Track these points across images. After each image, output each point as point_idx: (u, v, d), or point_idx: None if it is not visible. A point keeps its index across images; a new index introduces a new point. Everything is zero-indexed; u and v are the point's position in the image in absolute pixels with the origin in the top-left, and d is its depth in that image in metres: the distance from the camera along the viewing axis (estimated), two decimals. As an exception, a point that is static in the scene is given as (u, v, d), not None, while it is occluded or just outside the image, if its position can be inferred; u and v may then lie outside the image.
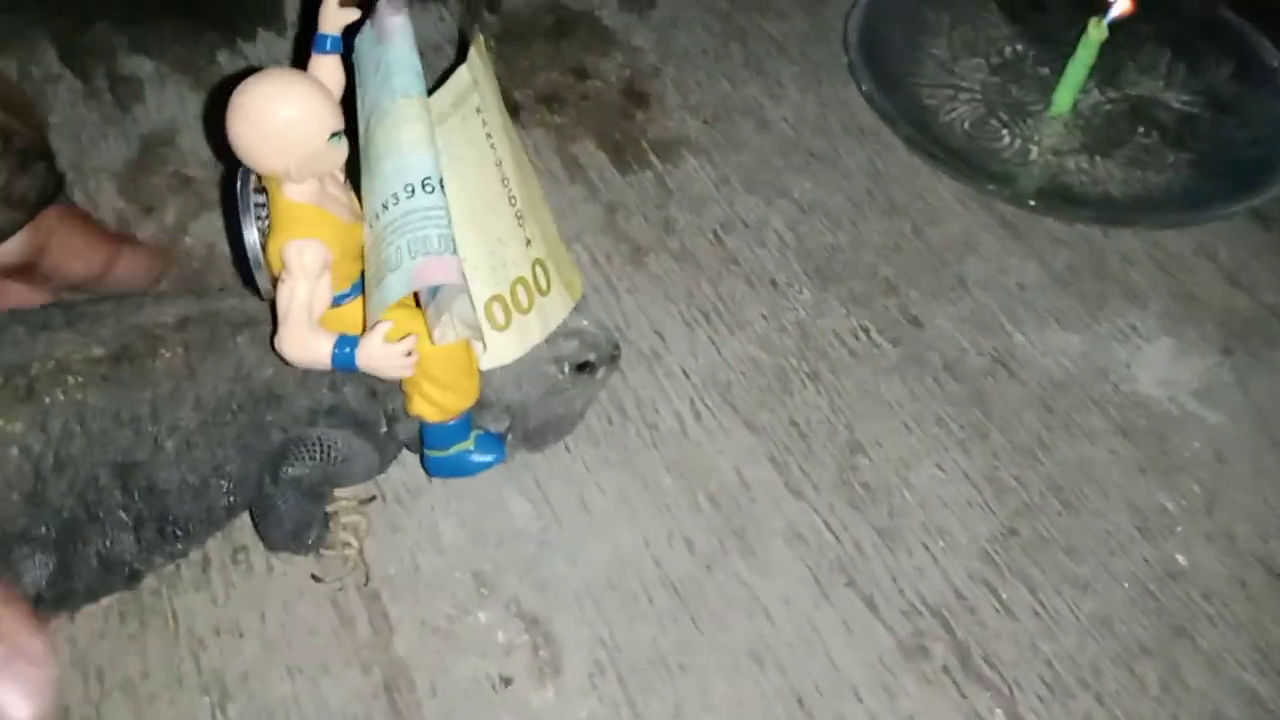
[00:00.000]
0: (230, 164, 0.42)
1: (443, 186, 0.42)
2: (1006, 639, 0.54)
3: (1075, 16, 0.79)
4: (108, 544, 0.47)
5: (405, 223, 0.41)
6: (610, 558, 0.54)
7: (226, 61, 0.76)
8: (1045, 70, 0.83)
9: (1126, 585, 0.56)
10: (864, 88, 0.78)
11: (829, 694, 0.51)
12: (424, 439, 0.50)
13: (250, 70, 0.41)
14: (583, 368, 0.52)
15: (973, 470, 0.60)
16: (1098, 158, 0.78)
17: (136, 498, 0.46)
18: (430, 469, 0.52)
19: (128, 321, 0.48)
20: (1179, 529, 0.59)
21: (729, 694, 0.50)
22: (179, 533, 0.48)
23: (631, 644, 0.51)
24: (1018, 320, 0.67)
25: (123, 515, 0.46)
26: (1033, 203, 0.73)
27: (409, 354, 0.43)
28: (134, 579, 0.49)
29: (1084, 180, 0.76)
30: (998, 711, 0.51)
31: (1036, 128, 0.79)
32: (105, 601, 0.49)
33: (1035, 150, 0.77)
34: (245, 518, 0.52)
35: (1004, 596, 0.55)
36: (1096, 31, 0.75)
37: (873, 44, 0.81)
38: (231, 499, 0.49)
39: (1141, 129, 0.80)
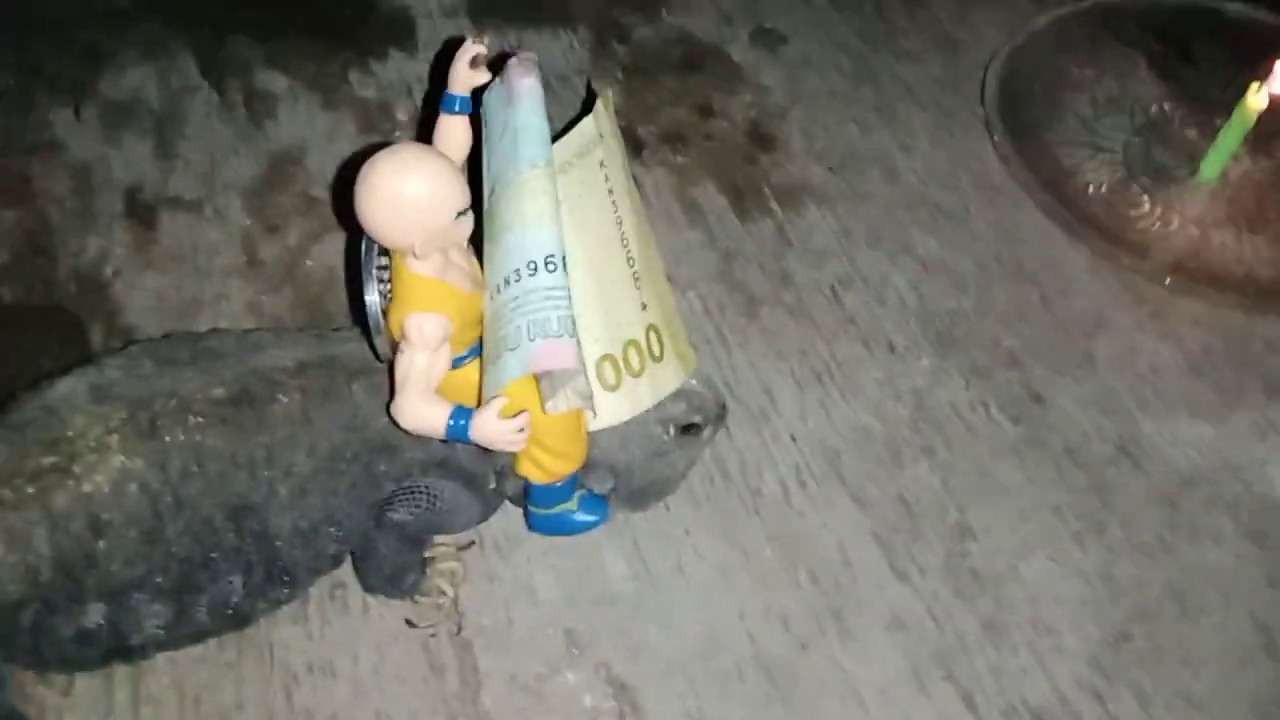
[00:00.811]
0: (356, 229, 0.42)
1: (565, 264, 0.41)
2: (1112, 754, 0.51)
3: (1232, 76, 0.75)
4: (219, 589, 0.47)
5: (526, 301, 0.41)
6: (704, 629, 0.53)
7: (358, 81, 0.77)
8: (1193, 133, 0.79)
9: (1247, 707, 0.53)
10: (998, 142, 0.76)
11: (920, 795, 0.49)
12: (529, 496, 0.50)
13: (383, 144, 0.41)
14: (688, 429, 0.51)
15: (1088, 566, 0.57)
16: (1245, 233, 0.74)
17: (249, 541, 0.47)
18: (533, 525, 0.51)
19: (249, 363, 0.49)
20: (1307, 649, 0.55)
21: (816, 785, 0.49)
22: (286, 578, 0.48)
23: (720, 718, 0.51)
24: (1147, 406, 0.64)
25: (235, 558, 0.47)
26: (1169, 280, 0.70)
27: (520, 430, 0.43)
28: (241, 623, 0.49)
29: (1228, 257, 0.72)
30: (1098, 832, 0.49)
31: (1180, 196, 0.75)
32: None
33: (1177, 221, 0.74)
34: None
35: (1111, 708, 0.53)
36: (1255, 99, 0.71)
37: (1011, 96, 0.78)
38: (339, 546, 0.49)
39: (1294, 204, 0.76)
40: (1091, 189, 0.75)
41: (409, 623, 0.52)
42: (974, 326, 0.67)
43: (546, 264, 0.41)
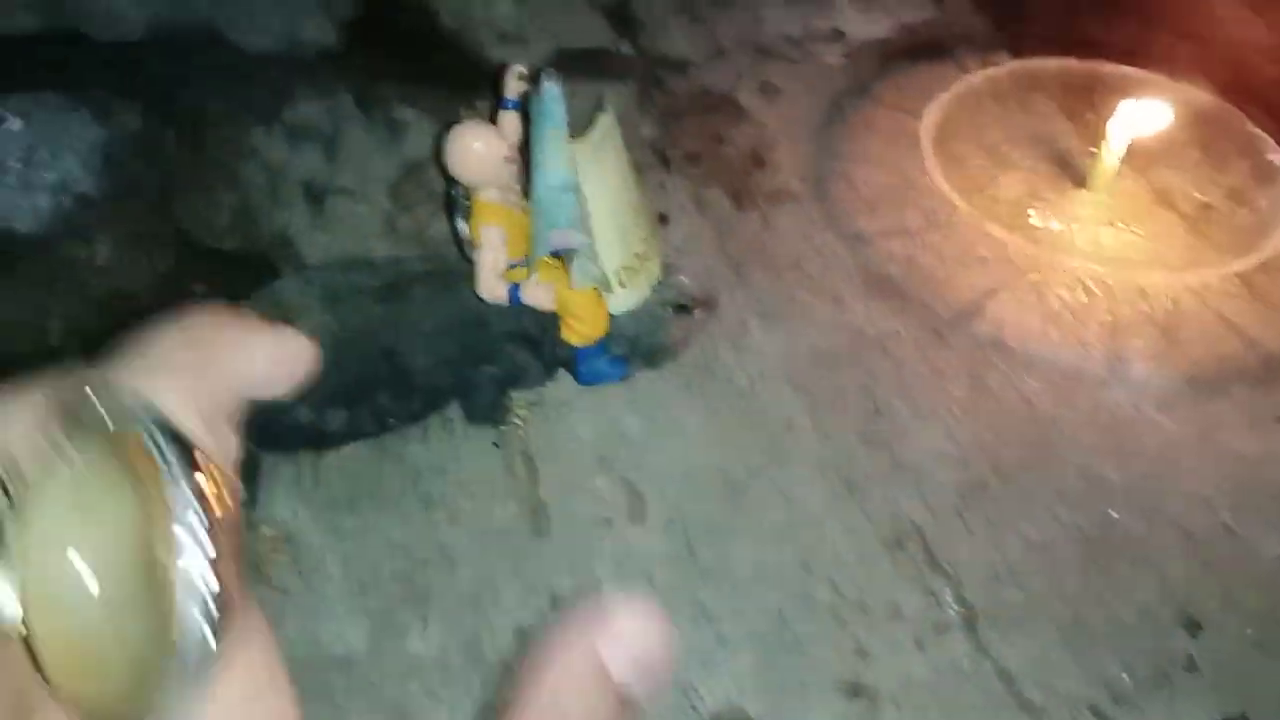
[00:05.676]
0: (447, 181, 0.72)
1: (571, 188, 0.69)
2: (964, 547, 0.75)
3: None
4: (376, 402, 0.74)
5: (546, 210, 0.69)
6: (686, 460, 0.79)
7: (465, 114, 1.06)
8: (1088, 160, 1.04)
9: (1066, 525, 0.76)
10: (929, 162, 1.02)
11: (826, 563, 0.74)
12: (575, 359, 0.77)
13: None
14: (680, 309, 0.78)
15: (964, 437, 0.82)
16: (1121, 228, 0.98)
17: (396, 372, 0.74)
18: (579, 378, 0.78)
19: (398, 270, 0.77)
20: (1117, 495, 0.78)
21: (756, 552, 0.74)
22: (416, 398, 0.75)
23: (695, 512, 0.76)
24: (1022, 341, 0.89)
25: (387, 382, 0.74)
26: (1058, 259, 0.94)
27: (550, 294, 0.70)
28: (385, 430, 0.76)
29: (1103, 242, 0.97)
30: (947, 591, 0.73)
31: (1071, 203, 1.00)
32: (365, 442, 0.77)
33: (1066, 219, 0.99)
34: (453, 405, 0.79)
35: (968, 520, 0.76)
36: (1112, 127, 0.96)
37: (944, 128, 1.05)
38: (450, 382, 0.76)
39: (1164, 211, 1.00)
40: (1001, 195, 1.01)
41: (494, 444, 0.79)
42: (901, 287, 0.93)
43: (560, 187, 0.69)
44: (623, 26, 1.19)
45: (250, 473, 0.72)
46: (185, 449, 0.21)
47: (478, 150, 0.70)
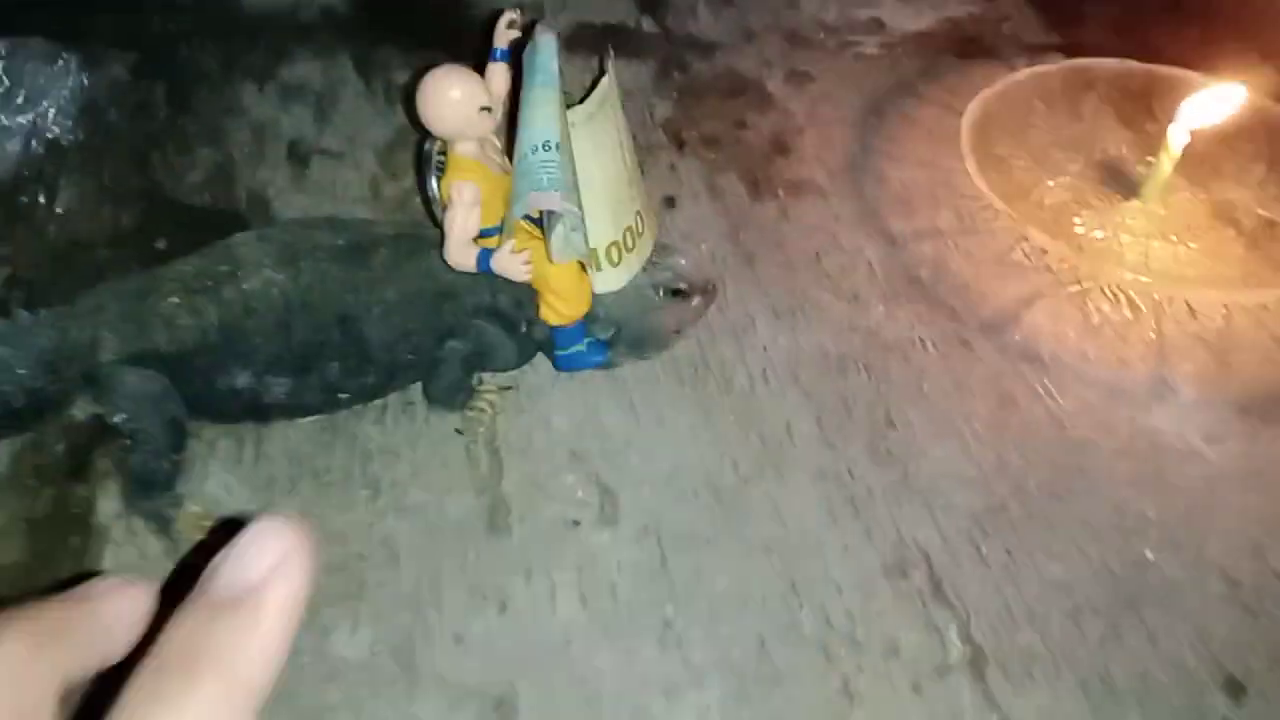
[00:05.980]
0: (420, 134, 0.63)
1: (558, 148, 0.61)
2: (975, 580, 0.66)
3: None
4: (325, 371, 0.67)
5: (528, 169, 0.61)
6: (672, 461, 0.71)
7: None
8: (1143, 169, 0.95)
9: (1094, 563, 0.67)
10: (969, 161, 0.93)
11: (817, 587, 0.65)
12: (553, 341, 0.69)
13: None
14: (676, 293, 0.70)
15: (985, 458, 0.73)
16: (1178, 243, 0.89)
17: (349, 341, 0.67)
18: (557, 363, 0.70)
19: (362, 230, 0.70)
20: (1153, 532, 0.69)
21: (739, 569, 0.65)
22: (371, 372, 0.68)
23: (674, 519, 0.67)
24: (1057, 356, 0.80)
25: (338, 351, 0.67)
26: (1122, 275, 0.85)
27: (525, 262, 0.62)
28: (336, 405, 0.69)
29: (1153, 258, 0.87)
30: (953, 628, 0.64)
31: (1121, 213, 0.91)
32: (316, 419, 0.70)
33: (1114, 231, 0.90)
34: (416, 385, 0.72)
35: (983, 550, 0.68)
36: (1172, 133, 0.87)
37: (986, 129, 0.96)
38: (411, 357, 0.69)
39: (1222, 226, 0.91)
40: (1045, 200, 0.92)
41: (457, 430, 0.71)
42: (926, 291, 0.84)
43: (544, 146, 0.61)
44: (647, 3, 1.12)
45: (176, 442, 0.65)
46: None
47: (454, 98, 0.62)
